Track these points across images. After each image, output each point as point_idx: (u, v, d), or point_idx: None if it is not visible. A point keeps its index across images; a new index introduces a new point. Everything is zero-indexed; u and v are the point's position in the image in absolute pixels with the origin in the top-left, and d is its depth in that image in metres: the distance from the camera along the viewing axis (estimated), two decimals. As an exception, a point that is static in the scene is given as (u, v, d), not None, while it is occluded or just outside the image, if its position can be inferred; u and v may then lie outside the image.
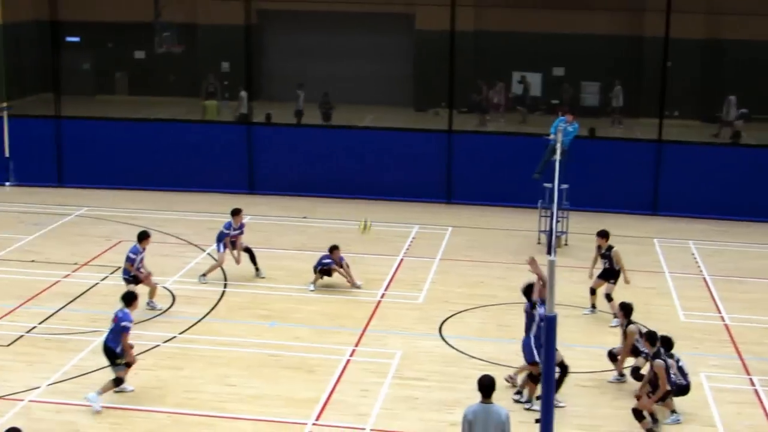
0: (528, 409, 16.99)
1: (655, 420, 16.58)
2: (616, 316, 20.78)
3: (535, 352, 17.01)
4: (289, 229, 28.44)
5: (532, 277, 17.99)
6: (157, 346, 19.50)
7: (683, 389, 17.10)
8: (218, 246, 23.55)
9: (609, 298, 21.63)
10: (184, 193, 32.03)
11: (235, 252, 23.65)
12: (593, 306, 22.23)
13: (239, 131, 33.29)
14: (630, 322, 18.37)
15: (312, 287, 23.18)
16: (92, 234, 27.43)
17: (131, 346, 17.39)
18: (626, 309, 18.57)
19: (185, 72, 45.70)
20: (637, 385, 17.39)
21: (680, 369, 17.11)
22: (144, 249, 21.47)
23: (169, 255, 25.46)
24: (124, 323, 17.09)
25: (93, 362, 18.58)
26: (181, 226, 28.32)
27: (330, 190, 31.94)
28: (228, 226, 23.55)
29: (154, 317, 21.03)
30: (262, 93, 43.59)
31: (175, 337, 20.06)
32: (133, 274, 21.18)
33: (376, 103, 41.99)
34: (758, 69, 41.87)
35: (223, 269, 23.86)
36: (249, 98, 33.66)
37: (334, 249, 23.34)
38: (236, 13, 33.71)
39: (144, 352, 19.12)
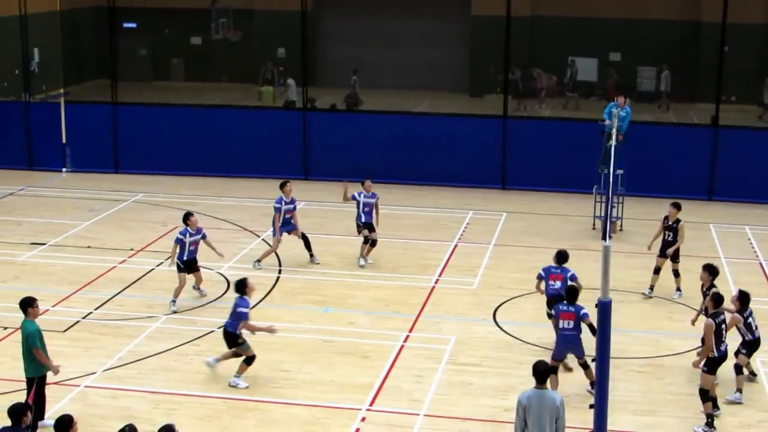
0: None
1: (715, 406, 16.46)
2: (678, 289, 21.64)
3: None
4: (343, 215, 28.48)
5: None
6: (212, 331, 19.64)
7: (753, 344, 17.11)
8: (273, 230, 23.64)
9: (676, 273, 22.03)
10: (240, 179, 32.23)
11: (297, 232, 23.77)
12: (652, 287, 22.32)
13: (295, 117, 33.37)
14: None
15: (363, 261, 23.20)
16: (148, 220, 27.71)
17: (264, 327, 17.81)
18: (744, 298, 17.33)
19: (241, 58, 45.92)
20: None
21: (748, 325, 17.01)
22: (195, 230, 21.29)
23: (224, 241, 25.55)
24: (239, 309, 17.47)
25: (149, 347, 18.81)
26: (236, 211, 28.51)
27: (385, 175, 31.82)
28: (279, 200, 23.64)
29: (210, 302, 21.17)
30: (317, 79, 43.70)
31: (230, 322, 20.19)
32: (187, 259, 21.08)
33: (432, 88, 41.96)
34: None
35: (277, 255, 23.98)
36: (304, 84, 33.72)
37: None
38: (292, -1, 33.85)
39: (199, 338, 19.33)
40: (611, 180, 20.62)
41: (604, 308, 12.85)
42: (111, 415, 16.18)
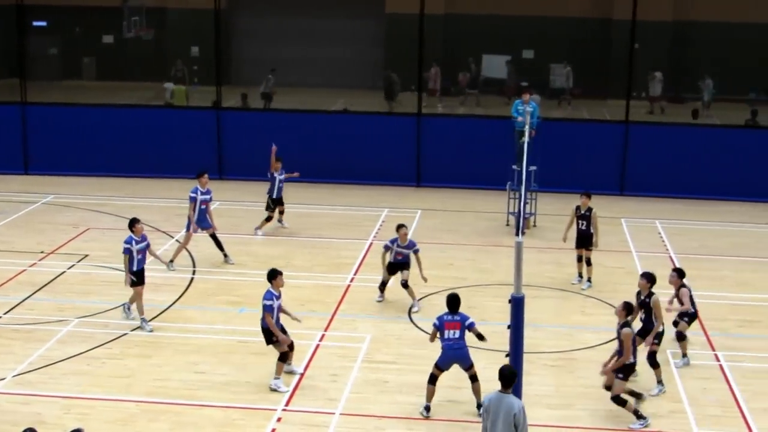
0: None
1: (638, 395, 16.74)
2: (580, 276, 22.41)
3: None
4: (258, 214, 28.33)
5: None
6: (125, 334, 19.43)
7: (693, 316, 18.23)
8: (188, 222, 23.48)
9: (588, 262, 22.60)
10: (153, 179, 31.92)
11: (211, 229, 23.63)
12: (581, 274, 22.82)
13: (209, 116, 33.13)
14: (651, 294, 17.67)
15: (380, 298, 21.67)
16: (59, 222, 27.30)
17: (278, 334, 17.32)
18: (651, 279, 17.80)
19: (154, 57, 45.45)
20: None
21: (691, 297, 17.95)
22: (140, 237, 19.99)
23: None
24: (264, 302, 17.33)
25: (60, 352, 18.53)
26: (149, 212, 28.20)
27: (300, 174, 31.82)
28: (195, 190, 23.53)
29: (123, 304, 20.90)
30: (232, 78, 43.42)
31: (143, 324, 20.01)
32: (137, 270, 19.77)
33: (347, 87, 41.93)
34: (724, 50, 42.08)
35: (191, 256, 23.81)
36: (218, 83, 33.49)
37: (400, 228, 21.40)
38: (206, -3, 33.61)
39: (111, 341, 19.09)
40: (524, 176, 20.78)
41: (517, 303, 13.00)
42: (22, 421, 15.82)
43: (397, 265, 21.27)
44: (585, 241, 22.60)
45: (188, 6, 43.43)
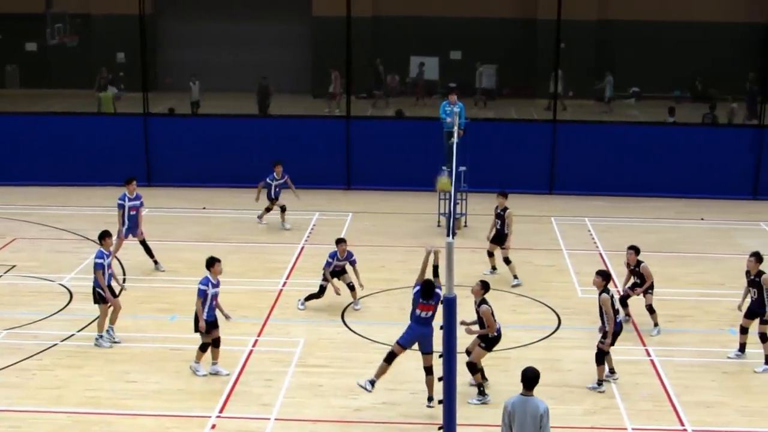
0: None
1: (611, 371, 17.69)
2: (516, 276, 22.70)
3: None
4: (188, 220, 28.23)
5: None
6: (56, 345, 19.21)
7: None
8: (118, 229, 23.24)
9: (507, 261, 22.81)
10: (80, 187, 31.54)
11: (141, 235, 23.48)
12: (493, 267, 23.28)
13: (136, 123, 32.83)
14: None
15: (302, 305, 21.48)
16: (-16, 232, 26.94)
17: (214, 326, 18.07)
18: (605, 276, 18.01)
19: (79, 63, 44.93)
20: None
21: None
22: (108, 252, 19.54)
23: (65, 251, 25.12)
24: (198, 286, 17.92)
25: (-12, 363, 18.28)
26: (77, 221, 27.90)
27: (229, 179, 31.75)
28: (123, 197, 23.39)
29: (52, 315, 20.66)
30: (158, 83, 43.11)
31: (73, 335, 19.76)
32: (102, 288, 19.06)
33: (275, 90, 41.78)
34: (648, 48, 42.66)
35: (121, 263, 23.60)
36: (144, 89, 33.22)
37: (340, 242, 21.42)
38: (130, 2, 33.23)
39: (41, 351, 18.85)
40: (454, 177, 20.87)
41: (450, 304, 13.01)
42: (-50, 435, 15.69)
43: (335, 273, 21.29)
44: (500, 239, 22.89)
45: (113, 12, 43.04)
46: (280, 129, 32.71)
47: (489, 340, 17.24)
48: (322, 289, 21.27)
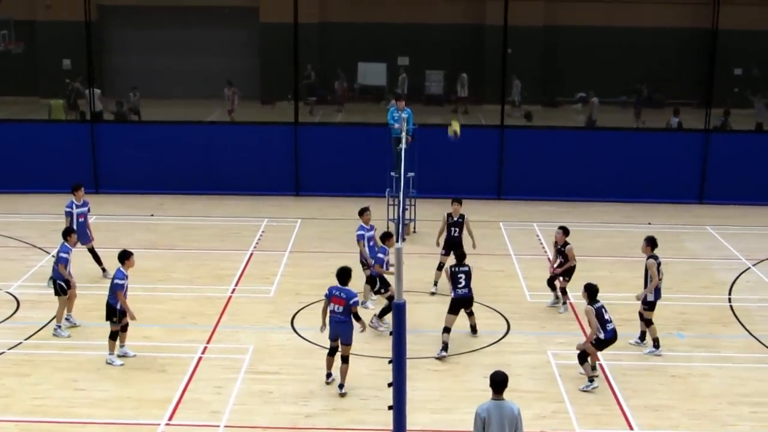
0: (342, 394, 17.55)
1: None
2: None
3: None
4: (136, 228, 28.04)
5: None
6: (2, 353, 19.02)
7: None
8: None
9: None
10: (25, 195, 31.24)
11: (90, 243, 23.31)
12: (435, 283, 23.09)
13: (82, 130, 32.61)
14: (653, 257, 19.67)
15: (370, 304, 21.63)
16: (-70, 241, 26.61)
17: (130, 310, 18.61)
18: (591, 291, 18.25)
19: (25, 70, 44.49)
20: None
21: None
22: (73, 247, 20.69)
23: (12, 259, 24.89)
24: (116, 281, 18.43)
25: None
26: (23, 228, 27.63)
27: (177, 186, 31.62)
28: (70, 204, 23.28)
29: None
30: (105, 90, 42.80)
31: (20, 343, 19.58)
32: (65, 279, 20.10)
33: (223, 97, 41.64)
34: (596, 53, 43.00)
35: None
36: (91, 95, 33.00)
37: (388, 237, 21.20)
38: (76, 9, 33.00)
39: (-12, 359, 18.67)
40: (402, 183, 20.94)
41: (399, 309, 13.02)
42: None
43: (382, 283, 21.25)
44: (455, 247, 22.65)
45: (58, 18, 42.68)
46: (228, 135, 32.61)
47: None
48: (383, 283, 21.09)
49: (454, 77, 44.17)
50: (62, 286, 20.02)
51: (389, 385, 13.42)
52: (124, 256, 18.88)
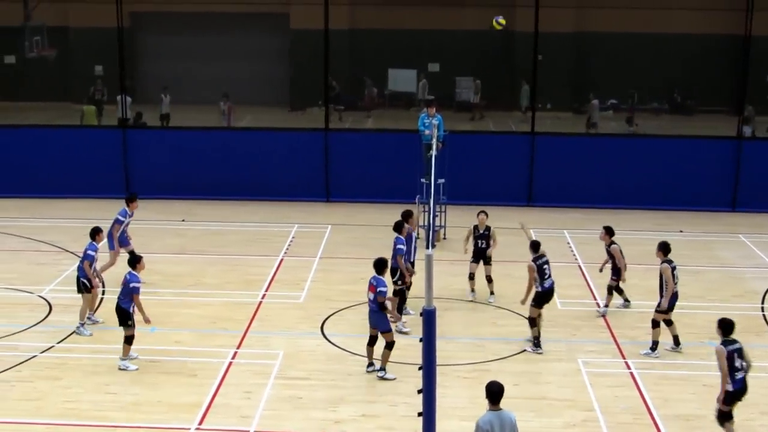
0: (382, 378, 18.17)
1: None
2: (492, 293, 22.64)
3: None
4: (166, 232, 28.16)
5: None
6: (35, 356, 19.13)
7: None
8: (111, 243, 23.08)
9: (489, 279, 22.80)
10: (58, 199, 31.47)
11: (130, 247, 23.35)
12: (473, 290, 23.00)
13: (114, 135, 32.81)
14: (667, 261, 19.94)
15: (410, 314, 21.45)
16: (-37, 245, 26.82)
17: (145, 314, 18.67)
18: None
19: (57, 76, 44.81)
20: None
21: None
22: (99, 245, 20.87)
23: (44, 263, 25.03)
24: (132, 284, 18.46)
25: (-33, 376, 18.19)
26: (56, 233, 27.80)
27: (208, 192, 31.75)
28: (123, 213, 23.23)
29: (31, 327, 20.59)
30: (137, 96, 43.01)
31: (52, 346, 19.69)
32: (89, 277, 20.29)
33: (253, 103, 41.81)
34: (627, 60, 42.87)
35: (100, 276, 23.47)
36: (123, 101, 33.19)
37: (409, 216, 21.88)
38: (108, 16, 33.21)
39: (21, 363, 18.77)
40: (433, 189, 20.93)
41: (429, 316, 12.99)
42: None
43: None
44: (483, 257, 22.74)
45: (91, 25, 42.92)
46: (259, 141, 32.70)
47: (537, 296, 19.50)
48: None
49: (485, 84, 44.09)
50: (85, 284, 20.28)
51: (419, 391, 13.39)
52: (135, 261, 18.98)
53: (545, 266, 19.68)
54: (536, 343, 19.60)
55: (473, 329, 21.00)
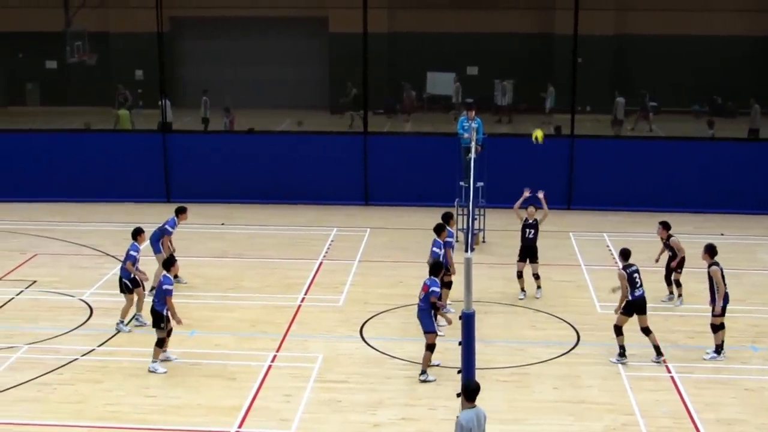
0: (423, 381, 18.23)
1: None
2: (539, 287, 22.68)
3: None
4: (206, 236, 28.29)
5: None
6: (76, 359, 19.28)
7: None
8: (156, 246, 23.24)
9: (537, 276, 22.97)
10: (99, 203, 31.73)
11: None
12: (524, 289, 23.09)
13: (155, 139, 33.01)
14: (714, 264, 19.54)
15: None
16: (5, 248, 27.02)
17: (176, 316, 18.81)
18: (625, 254, 19.52)
19: (98, 81, 45.19)
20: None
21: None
22: (141, 246, 21.16)
23: (85, 267, 25.22)
24: (165, 286, 18.48)
25: (9, 379, 18.32)
26: (97, 237, 28.02)
27: (247, 195, 31.89)
28: (172, 224, 23.47)
29: (72, 330, 20.75)
30: (177, 100, 43.28)
31: (93, 350, 19.84)
32: (134, 276, 20.63)
33: (293, 107, 41.99)
34: (664, 63, 42.64)
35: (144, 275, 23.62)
36: (162, 106, 33.44)
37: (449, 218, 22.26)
38: (148, 21, 33.46)
39: (62, 366, 18.92)
40: (472, 192, 20.92)
41: (468, 319, 13.03)
42: (-28, 450, 15.76)
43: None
44: (530, 253, 22.78)
45: (131, 30, 43.26)
46: (298, 145, 32.80)
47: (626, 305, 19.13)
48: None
49: (523, 87, 44.00)
50: (127, 284, 20.56)
51: (458, 395, 13.42)
52: (170, 263, 19.11)
53: (635, 275, 19.12)
54: (621, 353, 19.22)
55: (512, 332, 20.96)
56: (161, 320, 18.67)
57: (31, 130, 34.71)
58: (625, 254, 19.52)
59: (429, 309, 18.34)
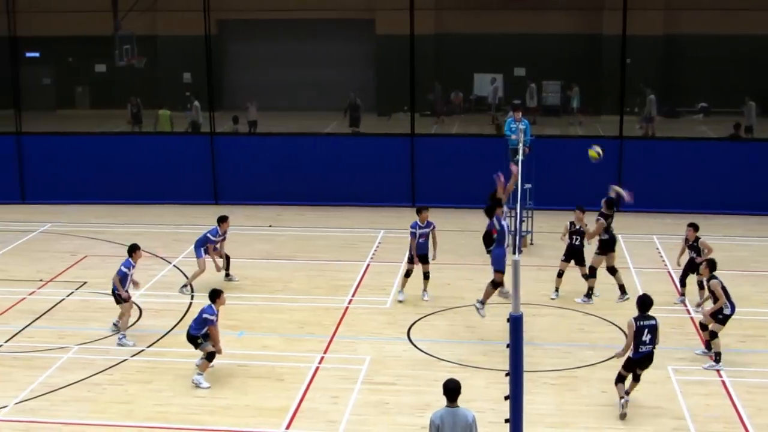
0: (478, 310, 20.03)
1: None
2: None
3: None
4: (254, 238, 28.39)
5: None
6: (125, 360, 19.42)
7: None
8: (198, 251, 23.44)
9: (586, 276, 23.06)
10: (149, 205, 31.95)
11: (218, 260, 23.69)
12: (557, 289, 23.17)
13: (202, 142, 33.19)
14: (713, 277, 19.40)
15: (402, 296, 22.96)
16: (57, 250, 27.29)
17: (218, 345, 18.57)
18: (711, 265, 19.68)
19: (147, 84, 45.52)
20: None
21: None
22: (135, 263, 20.95)
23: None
24: (205, 315, 18.27)
25: (60, 378, 18.51)
26: (146, 239, 28.04)
27: (295, 198, 31.96)
28: (215, 233, 23.65)
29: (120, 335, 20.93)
30: (224, 103, 43.51)
31: (143, 350, 19.98)
32: (119, 293, 20.42)
33: (339, 109, 42.04)
34: (715, 63, 42.29)
35: (192, 285, 23.78)
36: (211, 108, 33.60)
37: (421, 211, 23.40)
38: (196, 24, 33.66)
39: (111, 366, 19.07)
40: (519, 194, 20.83)
41: (516, 322, 12.95)
42: (23, 450, 15.91)
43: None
44: (577, 256, 22.71)
45: (179, 33, 43.52)
46: (345, 147, 32.85)
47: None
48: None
49: (569, 89, 43.81)
50: (119, 295, 20.40)
51: (506, 397, 13.35)
52: (215, 295, 18.55)
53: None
54: (716, 359, 18.98)
55: (561, 335, 20.86)
56: (196, 340, 18.44)
57: (81, 133, 35.00)
58: (711, 264, 19.57)
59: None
